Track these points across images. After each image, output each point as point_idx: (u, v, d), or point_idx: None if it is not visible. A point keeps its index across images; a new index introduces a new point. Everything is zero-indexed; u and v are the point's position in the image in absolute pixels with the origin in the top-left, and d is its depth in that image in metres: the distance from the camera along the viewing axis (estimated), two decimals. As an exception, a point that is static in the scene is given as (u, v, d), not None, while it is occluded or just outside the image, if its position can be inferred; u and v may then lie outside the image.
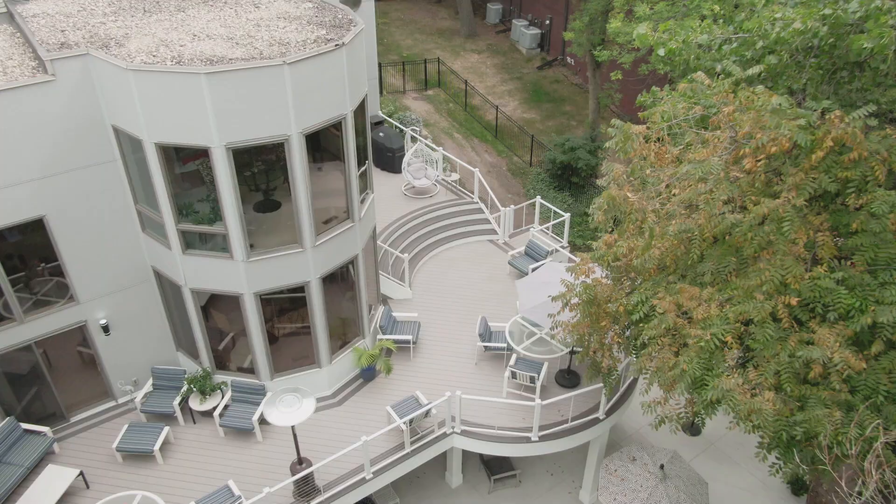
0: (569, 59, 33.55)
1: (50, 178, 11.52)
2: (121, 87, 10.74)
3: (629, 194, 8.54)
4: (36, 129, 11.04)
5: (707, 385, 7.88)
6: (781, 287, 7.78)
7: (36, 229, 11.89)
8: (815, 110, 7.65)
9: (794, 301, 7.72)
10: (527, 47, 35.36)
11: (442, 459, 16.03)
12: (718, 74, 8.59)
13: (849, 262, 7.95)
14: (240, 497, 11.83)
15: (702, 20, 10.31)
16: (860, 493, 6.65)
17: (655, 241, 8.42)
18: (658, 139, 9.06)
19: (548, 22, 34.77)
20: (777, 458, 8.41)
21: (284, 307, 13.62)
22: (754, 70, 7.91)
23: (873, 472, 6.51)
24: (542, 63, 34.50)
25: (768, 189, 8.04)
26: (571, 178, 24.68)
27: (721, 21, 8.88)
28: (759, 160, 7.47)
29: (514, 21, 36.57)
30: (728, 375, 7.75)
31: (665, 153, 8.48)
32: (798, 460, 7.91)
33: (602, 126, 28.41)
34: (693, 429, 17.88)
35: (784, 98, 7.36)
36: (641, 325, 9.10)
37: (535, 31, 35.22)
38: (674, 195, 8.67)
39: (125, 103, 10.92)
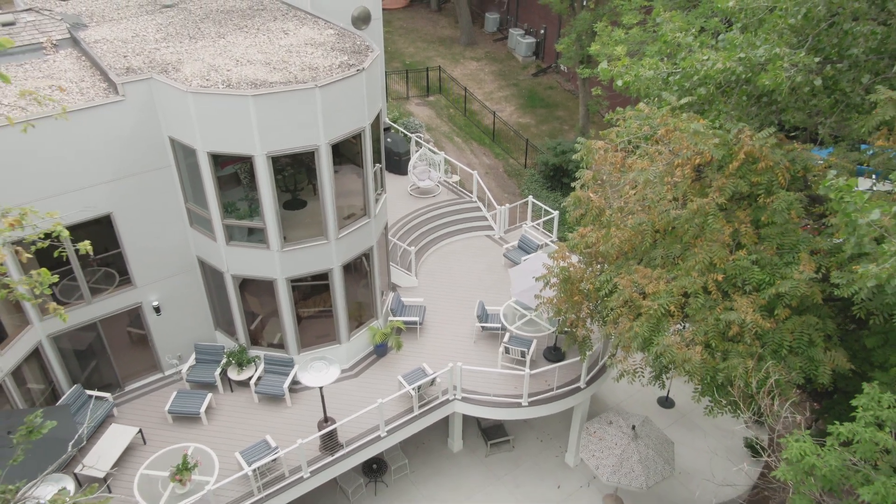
0: (562, 67, 35.71)
1: (117, 181, 13.75)
2: (180, 106, 12.97)
3: (591, 195, 10.80)
4: (108, 140, 13.28)
5: (653, 343, 10.12)
6: (710, 266, 10.04)
7: (104, 224, 14.12)
8: (733, 130, 9.87)
9: (720, 277, 9.98)
10: (523, 55, 37.54)
11: (444, 427, 18.27)
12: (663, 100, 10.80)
13: (762, 247, 10.19)
14: (276, 448, 14.08)
15: (665, 54, 12.49)
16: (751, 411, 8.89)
17: (615, 231, 10.67)
18: (621, 149, 11.31)
19: (542, 31, 36.94)
20: (709, 401, 10.66)
21: (308, 292, 15.85)
22: (686, 99, 10.14)
23: (765, 398, 8.75)
24: (536, 70, 36.69)
25: (703, 190, 10.29)
26: (563, 179, 26.88)
27: (666, 59, 11.08)
28: (686, 169, 9.71)
29: (510, 30, 38.74)
30: (669, 335, 10.00)
31: (620, 162, 10.71)
32: (720, 399, 10.14)
33: (591, 130, 30.65)
34: (667, 402, 20.12)
35: (703, 124, 9.58)
36: (607, 299, 11.34)
37: (531, 39, 37.38)
38: (632, 195, 10.92)
39: (183, 119, 13.15)
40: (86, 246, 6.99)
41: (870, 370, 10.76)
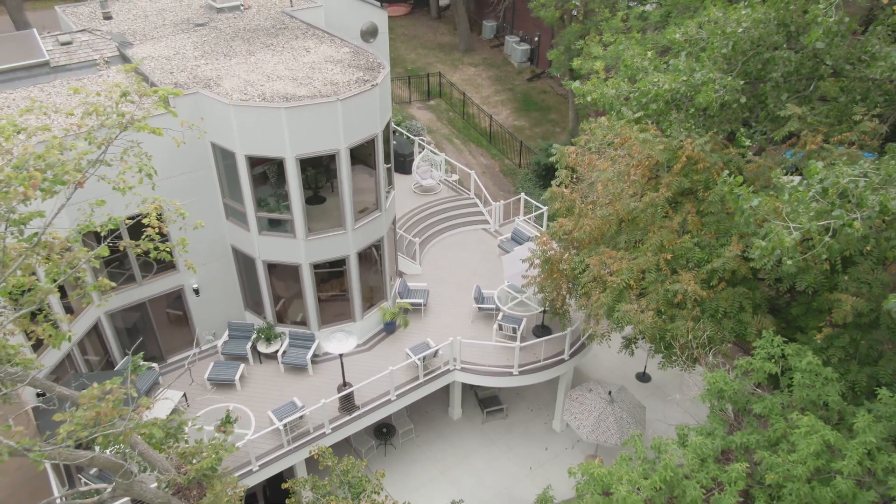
0: (555, 73, 38.04)
1: (167, 180, 16.09)
2: (222, 116, 15.32)
3: (564, 190, 13.19)
4: (161, 145, 15.59)
5: (616, 310, 12.51)
6: (661, 248, 12.42)
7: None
8: (679, 137, 12.25)
9: (668, 257, 12.36)
10: (518, 61, 39.89)
11: (445, 398, 20.66)
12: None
13: (703, 232, 12.58)
14: (303, 406, 16.47)
15: (628, 76, 14.77)
16: (690, 360, 11.27)
17: (587, 221, 13.06)
18: (592, 153, 13.71)
19: (536, 39, 39.27)
20: (662, 358, 13.04)
21: (327, 276, 18.21)
22: (639, 113, 12.49)
23: (700, 350, 11.14)
24: (531, 76, 39.03)
25: (656, 186, 12.68)
26: (553, 178, 29.20)
27: (627, 80, 13.43)
28: (641, 168, 12.10)
29: (506, 37, 41.10)
30: (628, 304, 12.39)
31: (589, 163, 13.09)
32: (670, 355, 12.52)
33: (581, 133, 33.04)
34: (644, 377, 22.51)
35: (651, 133, 11.94)
36: (580, 276, 13.73)
37: (526, 46, 39.72)
38: (601, 190, 13.32)
39: (224, 127, 15.50)
40: (199, 224, 9.39)
41: (796, 333, 13.13)
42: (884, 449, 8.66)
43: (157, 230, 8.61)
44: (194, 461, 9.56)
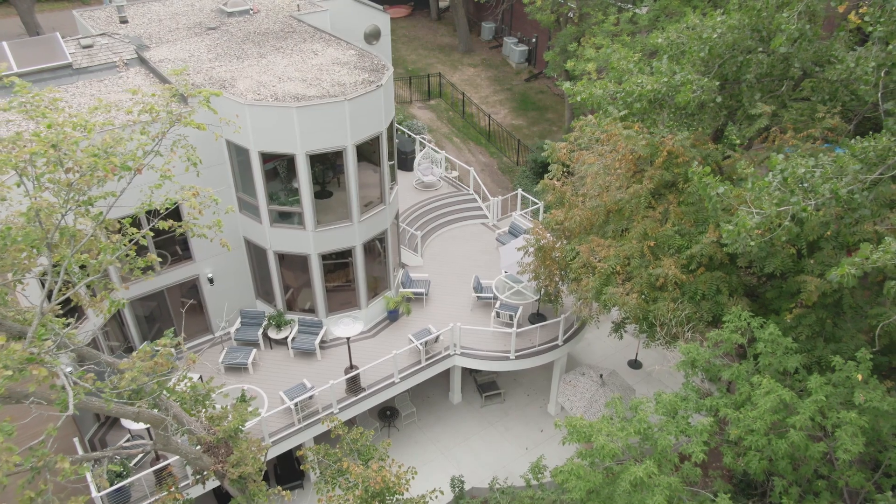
0: (552, 73, 39.12)
1: (184, 175, 17.14)
2: (237, 115, 16.38)
3: (555, 182, 14.28)
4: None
5: (603, 293, 13.59)
6: (645, 236, 13.50)
7: (172, 211, 17.51)
8: (662, 135, 13.34)
9: (652, 244, 13.44)
10: (516, 62, 40.97)
11: (445, 383, 21.72)
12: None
13: (683, 221, 13.66)
14: (312, 387, 17.54)
15: (617, 78, 15.87)
16: (670, 337, 12.35)
17: (577, 211, 14.15)
18: (582, 149, 14.79)
19: (534, 40, 40.35)
20: (645, 337, 14.12)
21: (334, 267, 19.27)
22: (624, 112, 13.56)
23: (680, 329, 12.23)
24: (529, 76, 40.10)
25: (640, 179, 13.77)
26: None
27: (614, 81, 14.50)
28: (625, 162, 13.19)
29: (504, 38, 42.17)
30: (614, 287, 13.48)
31: (578, 159, 14.19)
32: (651, 333, 13.60)
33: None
34: (636, 364, 23.59)
35: (635, 129, 13.02)
36: (571, 262, 14.81)
37: (524, 47, 40.80)
38: (589, 183, 14.40)
39: (239, 125, 16.55)
40: (231, 208, 10.50)
41: (770, 315, 14.20)
42: (835, 408, 9.73)
43: (195, 212, 9.64)
44: (222, 423, 10.62)
